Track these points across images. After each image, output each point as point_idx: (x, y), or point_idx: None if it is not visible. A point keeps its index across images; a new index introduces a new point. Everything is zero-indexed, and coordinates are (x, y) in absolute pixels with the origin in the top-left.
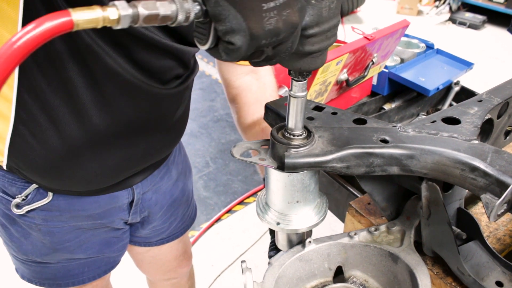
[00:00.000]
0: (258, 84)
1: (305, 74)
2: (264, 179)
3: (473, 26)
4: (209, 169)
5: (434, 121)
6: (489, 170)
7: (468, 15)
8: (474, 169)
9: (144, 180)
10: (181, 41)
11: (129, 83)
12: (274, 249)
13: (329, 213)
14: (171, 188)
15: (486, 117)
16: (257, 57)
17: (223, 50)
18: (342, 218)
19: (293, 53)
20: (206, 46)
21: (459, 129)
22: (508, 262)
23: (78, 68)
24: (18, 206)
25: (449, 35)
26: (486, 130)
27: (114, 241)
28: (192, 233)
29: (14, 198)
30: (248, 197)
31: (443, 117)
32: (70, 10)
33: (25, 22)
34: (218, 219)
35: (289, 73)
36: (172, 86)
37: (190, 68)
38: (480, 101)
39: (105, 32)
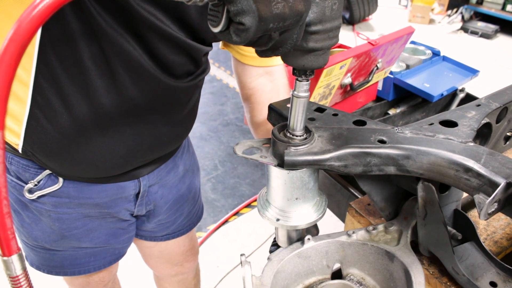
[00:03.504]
0: (272, 86)
1: (308, 73)
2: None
3: (485, 36)
4: (217, 172)
5: (431, 124)
6: (482, 171)
7: (480, 25)
8: (468, 169)
9: (151, 173)
10: (193, 38)
11: (143, 72)
12: (276, 244)
13: (332, 214)
14: (178, 184)
15: (484, 121)
16: (264, 43)
17: (234, 32)
18: (343, 219)
19: (298, 49)
20: (219, 28)
21: (455, 132)
22: (502, 263)
23: (93, 55)
24: (30, 191)
25: (461, 44)
26: (485, 134)
27: (121, 232)
28: (199, 234)
29: (27, 183)
30: (255, 200)
31: (441, 120)
32: None
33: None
34: (225, 221)
35: (293, 73)
36: (183, 81)
37: (201, 67)
38: (479, 105)
39: (126, 21)
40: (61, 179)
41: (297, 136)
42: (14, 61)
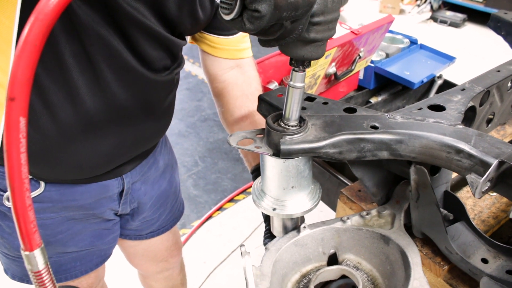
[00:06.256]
0: (243, 78)
1: (306, 64)
2: (251, 172)
3: (454, 24)
4: (198, 168)
5: (420, 108)
6: (473, 151)
7: (448, 14)
8: (459, 151)
9: (133, 170)
10: (171, 32)
11: (125, 66)
12: (268, 237)
13: (321, 203)
14: (159, 179)
15: (469, 105)
16: (274, 32)
17: (248, 19)
18: (333, 207)
19: (299, 40)
20: (231, 16)
21: (444, 115)
22: (492, 240)
23: (74, 51)
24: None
25: (431, 33)
26: (469, 117)
27: (105, 233)
28: (183, 231)
29: (5, 191)
30: (237, 194)
31: (429, 104)
32: None
33: (24, 7)
34: (209, 217)
35: (291, 63)
36: (161, 75)
37: (177, 61)
38: (463, 89)
39: (108, 15)
40: (42, 183)
41: (291, 125)
42: (40, 41)
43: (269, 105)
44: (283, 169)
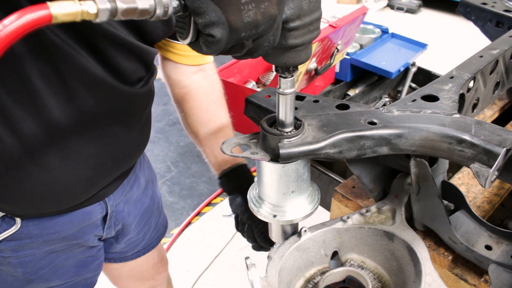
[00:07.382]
0: (207, 82)
1: (291, 69)
2: (219, 177)
3: (410, 11)
4: (171, 174)
5: (414, 100)
6: (475, 141)
7: (404, 1)
8: (461, 141)
9: (116, 191)
10: (143, 40)
11: (100, 83)
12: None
13: None
14: (141, 197)
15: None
16: (237, 51)
17: (204, 43)
18: (325, 205)
19: (277, 47)
20: (187, 40)
21: (439, 105)
22: (493, 226)
23: (43, 73)
24: None
25: (389, 20)
26: (459, 105)
27: (90, 260)
28: (164, 240)
29: None
30: (215, 197)
31: (422, 95)
32: (49, 3)
33: None
34: (189, 223)
35: (276, 70)
36: (138, 87)
37: (151, 70)
38: (452, 77)
39: (75, 30)
40: (18, 220)
41: (287, 130)
42: None
43: (257, 107)
44: (282, 174)
